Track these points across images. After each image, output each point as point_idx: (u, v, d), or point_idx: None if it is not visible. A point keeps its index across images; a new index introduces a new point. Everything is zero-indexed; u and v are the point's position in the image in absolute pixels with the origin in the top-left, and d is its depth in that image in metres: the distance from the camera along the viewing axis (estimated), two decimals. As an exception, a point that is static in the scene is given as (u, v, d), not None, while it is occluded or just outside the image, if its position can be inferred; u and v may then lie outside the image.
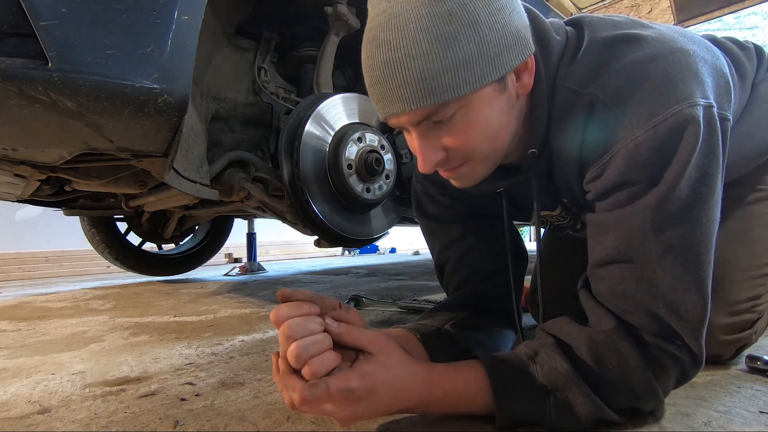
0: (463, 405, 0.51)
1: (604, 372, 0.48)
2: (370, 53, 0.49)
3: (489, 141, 0.53)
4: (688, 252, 0.48)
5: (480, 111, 0.50)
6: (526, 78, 0.53)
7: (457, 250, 0.77)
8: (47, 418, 0.61)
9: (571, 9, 2.91)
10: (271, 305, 1.55)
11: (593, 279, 0.54)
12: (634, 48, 0.51)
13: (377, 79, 0.49)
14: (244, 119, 1.46)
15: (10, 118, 0.73)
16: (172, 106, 0.79)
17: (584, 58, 0.54)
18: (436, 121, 0.50)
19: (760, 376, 0.68)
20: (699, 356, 0.50)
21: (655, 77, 0.48)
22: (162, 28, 0.76)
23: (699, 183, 0.48)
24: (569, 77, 0.55)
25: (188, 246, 2.67)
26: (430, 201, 0.80)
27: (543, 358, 0.50)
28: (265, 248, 4.40)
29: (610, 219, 0.51)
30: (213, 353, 0.93)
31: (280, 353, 0.46)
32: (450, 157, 0.53)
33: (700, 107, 0.47)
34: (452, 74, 0.46)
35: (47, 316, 1.47)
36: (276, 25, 1.50)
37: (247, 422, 0.57)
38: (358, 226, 1.35)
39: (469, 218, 0.78)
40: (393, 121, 0.52)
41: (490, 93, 0.50)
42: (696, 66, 0.49)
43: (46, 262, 3.29)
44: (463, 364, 0.53)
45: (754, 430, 0.51)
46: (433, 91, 0.47)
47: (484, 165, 0.56)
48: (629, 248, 0.50)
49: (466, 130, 0.51)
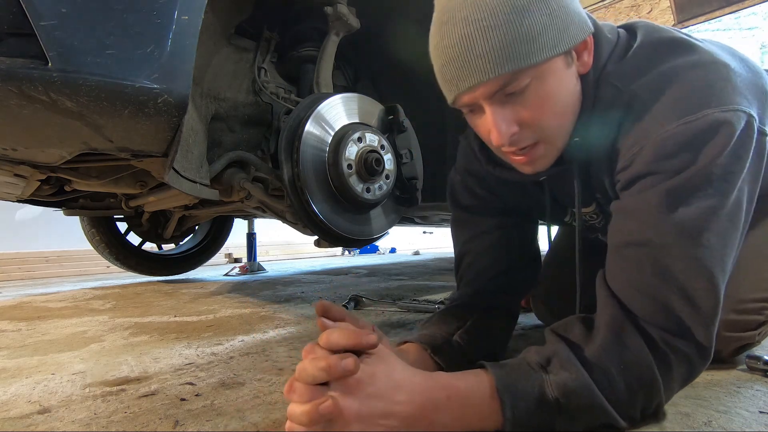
0: (470, 413, 0.48)
1: (617, 376, 0.48)
2: (446, 32, 0.53)
3: (558, 116, 0.55)
4: (701, 239, 0.49)
5: (551, 83, 0.53)
6: (586, 56, 0.57)
7: (481, 243, 0.79)
8: (47, 418, 0.61)
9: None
10: (271, 305, 1.55)
11: (609, 262, 0.55)
12: (679, 54, 0.54)
13: (453, 56, 0.52)
14: (244, 119, 1.46)
15: (10, 118, 0.73)
16: (172, 106, 0.79)
17: (633, 58, 0.57)
18: (509, 93, 0.52)
19: (760, 376, 0.68)
20: (708, 349, 0.50)
21: (693, 81, 0.51)
22: (162, 28, 0.76)
23: (720, 179, 0.49)
24: (615, 74, 0.57)
25: (188, 246, 2.67)
26: (468, 192, 0.82)
27: (555, 367, 0.49)
28: (265, 248, 4.40)
29: (631, 204, 0.54)
30: (213, 353, 0.93)
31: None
32: (522, 135, 0.55)
33: (739, 113, 0.49)
34: (528, 42, 0.50)
35: (47, 316, 1.47)
36: (276, 25, 1.50)
37: (247, 422, 0.57)
38: (358, 226, 1.35)
39: (500, 214, 0.79)
40: (465, 98, 0.54)
41: (560, 65, 0.53)
42: (734, 79, 0.52)
43: (46, 262, 3.29)
44: (469, 373, 0.51)
45: (754, 430, 0.51)
46: (511, 57, 0.50)
47: (554, 146, 0.58)
48: (645, 231, 0.51)
49: (539, 102, 0.53)
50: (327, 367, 0.42)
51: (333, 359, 0.43)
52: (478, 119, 0.57)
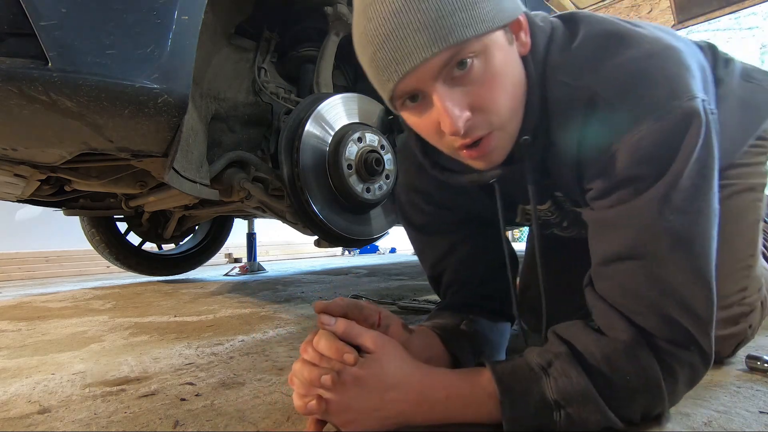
0: (470, 413, 0.49)
1: (619, 383, 0.47)
2: (373, 13, 0.46)
3: (510, 98, 0.51)
4: (694, 245, 0.48)
5: (498, 59, 0.49)
6: (523, 36, 0.53)
7: (451, 262, 0.77)
8: (47, 418, 0.61)
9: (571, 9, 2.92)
10: (271, 305, 1.55)
11: (599, 278, 0.53)
12: (629, 44, 0.51)
13: (386, 35, 0.46)
14: (244, 119, 1.46)
15: (10, 118, 0.73)
16: (172, 106, 0.79)
17: (580, 50, 0.54)
18: (456, 76, 0.47)
19: (760, 376, 0.68)
20: (709, 355, 0.50)
21: (654, 73, 0.48)
22: (162, 28, 0.76)
23: (699, 176, 0.48)
24: (562, 68, 0.54)
25: (188, 246, 2.67)
26: (416, 210, 0.78)
27: (557, 371, 0.48)
28: (265, 248, 4.41)
29: (614, 216, 0.51)
30: (213, 353, 0.93)
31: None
32: (475, 121, 0.50)
33: (699, 100, 0.47)
34: (467, 11, 0.45)
35: (47, 316, 1.47)
36: (276, 25, 1.51)
37: (247, 422, 0.57)
38: (358, 226, 1.35)
39: (457, 227, 0.77)
40: (407, 85, 0.48)
41: (502, 40, 0.50)
42: (687, 62, 0.50)
43: (46, 262, 3.29)
44: (470, 371, 0.52)
45: (754, 430, 0.51)
46: (453, 28, 0.45)
47: (508, 133, 0.53)
48: (637, 244, 0.49)
49: (489, 80, 0.49)
50: (310, 378, 0.49)
51: (317, 372, 0.48)
52: (421, 113, 0.51)
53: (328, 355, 0.49)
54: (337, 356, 0.49)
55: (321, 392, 0.48)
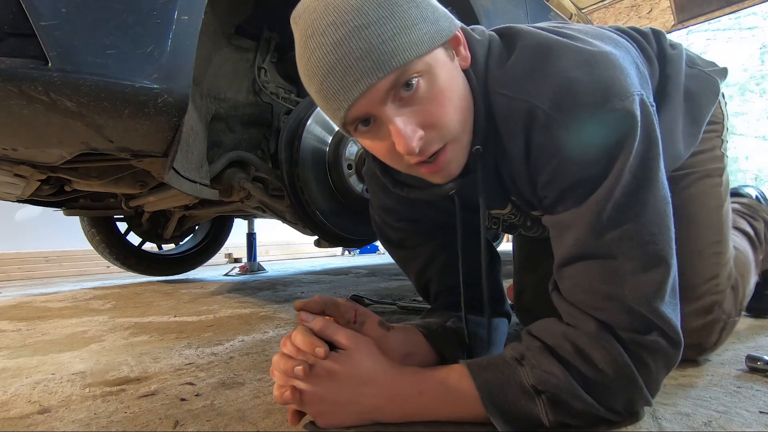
0: (449, 408, 0.51)
1: (592, 371, 0.49)
2: (316, 45, 0.47)
3: (458, 111, 0.53)
4: (642, 235, 0.49)
5: (442, 76, 0.50)
6: (463, 50, 0.55)
7: (434, 270, 0.79)
8: (47, 418, 0.61)
9: (571, 9, 2.90)
10: (271, 305, 1.55)
11: (560, 279, 0.55)
12: (558, 55, 0.53)
13: (331, 66, 0.47)
14: (244, 119, 1.46)
15: (10, 118, 0.73)
16: (172, 106, 0.79)
17: (515, 63, 0.56)
18: (403, 97, 0.49)
19: (760, 376, 0.68)
20: (675, 337, 0.50)
21: (584, 80, 0.50)
22: (162, 28, 0.76)
23: (640, 168, 0.50)
24: (501, 82, 0.56)
25: (188, 246, 2.67)
26: (390, 228, 0.82)
27: (530, 361, 0.50)
28: (265, 248, 4.41)
29: (567, 219, 0.53)
30: (213, 353, 0.93)
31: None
32: (428, 138, 0.51)
33: (634, 97, 0.49)
34: (407, 34, 0.47)
35: (47, 316, 1.47)
36: (276, 25, 1.51)
37: (247, 422, 0.57)
38: (358, 226, 1.35)
39: (432, 236, 0.79)
40: (357, 110, 0.49)
41: (444, 57, 0.51)
42: (618, 62, 0.52)
43: (46, 262, 3.29)
44: (444, 367, 0.54)
45: (754, 430, 0.51)
46: (395, 51, 0.46)
47: (461, 144, 0.55)
48: (589, 243, 0.51)
49: (436, 97, 0.50)
50: (286, 369, 0.52)
51: (291, 363, 0.52)
52: (375, 136, 0.52)
53: (303, 348, 0.52)
54: (310, 350, 0.52)
55: (296, 383, 0.52)
